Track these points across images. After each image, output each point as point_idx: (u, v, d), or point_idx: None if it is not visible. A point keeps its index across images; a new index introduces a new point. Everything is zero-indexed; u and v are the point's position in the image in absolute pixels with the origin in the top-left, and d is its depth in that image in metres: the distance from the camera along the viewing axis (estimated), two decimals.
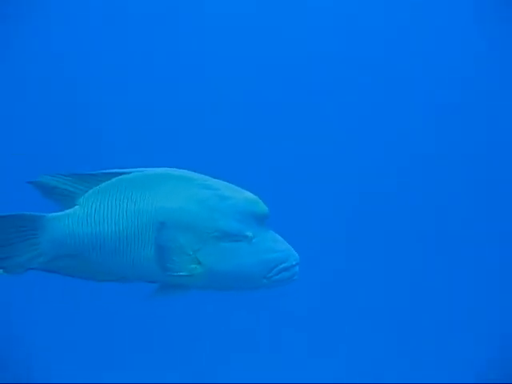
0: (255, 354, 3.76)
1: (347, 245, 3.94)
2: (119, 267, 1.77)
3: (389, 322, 3.94)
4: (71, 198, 1.80)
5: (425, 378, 3.69)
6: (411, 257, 4.00)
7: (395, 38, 4.10)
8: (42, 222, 1.78)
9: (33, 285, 3.31)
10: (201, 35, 3.99)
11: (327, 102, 4.06)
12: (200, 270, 1.70)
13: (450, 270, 4.02)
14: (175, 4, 3.99)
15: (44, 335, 3.55)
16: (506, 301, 3.91)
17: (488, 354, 3.74)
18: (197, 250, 1.71)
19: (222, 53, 3.99)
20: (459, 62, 4.09)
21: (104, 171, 1.81)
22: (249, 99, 3.98)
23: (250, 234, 1.71)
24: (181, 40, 3.98)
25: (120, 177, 1.78)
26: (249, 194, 1.75)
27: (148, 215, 1.74)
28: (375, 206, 4.02)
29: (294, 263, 1.74)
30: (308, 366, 3.81)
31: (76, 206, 1.80)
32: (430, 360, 3.88)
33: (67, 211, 1.80)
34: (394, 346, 3.86)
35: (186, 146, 3.74)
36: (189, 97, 3.94)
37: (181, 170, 1.78)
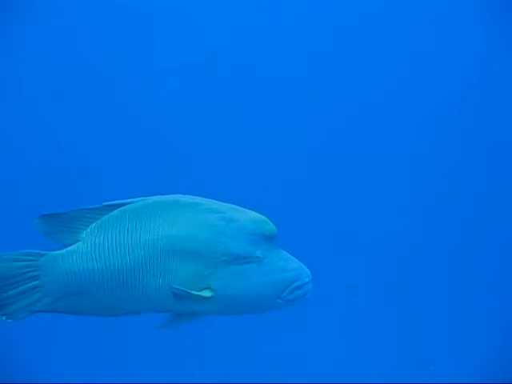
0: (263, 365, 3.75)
1: (356, 257, 3.93)
2: (129, 301, 1.71)
3: (395, 329, 3.93)
4: (73, 234, 1.73)
5: (425, 378, 3.67)
6: (419, 265, 4.00)
7: (395, 38, 4.11)
8: (44, 261, 1.72)
9: None
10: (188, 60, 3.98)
11: (333, 112, 4.06)
12: (212, 295, 1.66)
13: (453, 270, 4.02)
14: (174, 6, 3.98)
15: (44, 337, 3.51)
16: (506, 301, 3.90)
17: (488, 354, 3.72)
18: (208, 276, 1.66)
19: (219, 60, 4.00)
20: (461, 62, 4.10)
21: (105, 203, 1.74)
22: (249, 109, 3.97)
23: (259, 254, 1.67)
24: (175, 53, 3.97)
25: (122, 208, 1.72)
26: (255, 215, 1.71)
27: (155, 245, 1.68)
28: (383, 216, 4.01)
29: (306, 280, 1.70)
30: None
31: (78, 242, 1.73)
32: (430, 360, 3.87)
33: (69, 248, 1.73)
34: (397, 349, 3.85)
35: (185, 168, 3.72)
36: (181, 115, 3.93)
37: (184, 196, 1.73)
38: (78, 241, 1.73)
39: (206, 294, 1.66)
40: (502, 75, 4.07)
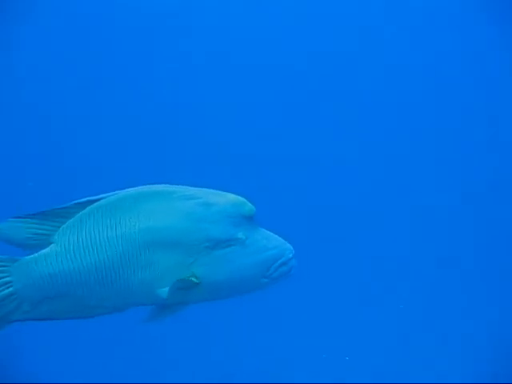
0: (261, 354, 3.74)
1: (337, 229, 3.93)
2: (110, 298, 1.65)
3: (385, 318, 3.95)
4: (43, 237, 1.66)
5: (425, 378, 3.69)
6: (407, 251, 4.02)
7: (396, 38, 4.12)
8: (17, 267, 1.64)
9: None
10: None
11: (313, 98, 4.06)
12: (197, 282, 1.62)
13: (451, 269, 4.05)
14: (173, 10, 3.95)
15: (45, 336, 3.47)
16: (506, 302, 3.93)
17: (488, 354, 3.74)
18: (191, 264, 1.63)
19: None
20: (460, 61, 4.12)
21: (75, 202, 1.67)
22: (225, 96, 3.96)
23: (242, 236, 1.65)
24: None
25: (94, 204, 1.66)
26: (233, 196, 1.68)
27: (133, 239, 1.63)
28: (362, 195, 4.03)
29: (290, 256, 1.69)
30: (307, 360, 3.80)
31: (51, 245, 1.66)
32: (430, 359, 3.89)
33: (43, 251, 1.66)
34: (392, 344, 3.87)
35: (156, 156, 3.70)
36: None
37: (157, 186, 1.68)
38: (50, 243, 1.66)
39: (193, 280, 1.63)
40: (503, 75, 4.10)
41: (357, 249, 4.01)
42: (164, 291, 1.63)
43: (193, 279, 1.62)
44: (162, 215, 1.63)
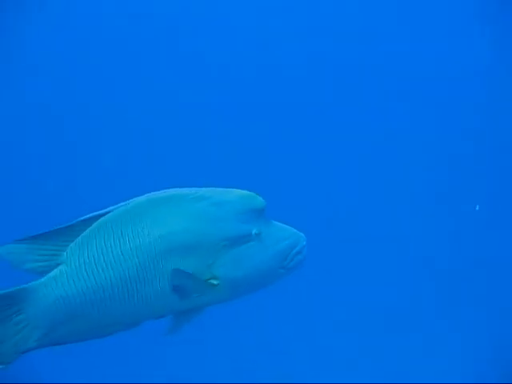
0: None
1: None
2: (127, 314, 1.60)
3: (386, 318, 3.98)
4: (50, 259, 1.57)
5: (425, 378, 3.73)
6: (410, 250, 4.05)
7: (397, 37, 4.12)
8: (26, 293, 1.55)
9: None
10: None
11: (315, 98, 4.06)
12: (218, 283, 1.60)
13: (450, 267, 4.07)
14: (173, 14, 3.92)
15: None
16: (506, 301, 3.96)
17: (488, 354, 3.78)
18: (210, 265, 1.60)
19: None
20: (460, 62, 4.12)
21: (81, 219, 1.59)
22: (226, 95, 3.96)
23: (257, 230, 1.63)
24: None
25: (102, 218, 1.59)
26: (242, 192, 1.66)
27: (148, 249, 1.57)
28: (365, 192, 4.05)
29: (304, 244, 1.70)
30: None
31: (60, 266, 1.58)
32: (430, 359, 3.93)
33: (51, 274, 1.57)
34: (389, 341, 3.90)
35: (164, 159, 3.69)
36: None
37: (166, 191, 1.63)
38: (57, 264, 1.58)
39: (213, 282, 1.61)
40: (503, 75, 4.11)
41: (361, 243, 4.04)
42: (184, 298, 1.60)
43: (213, 281, 1.60)
44: (176, 220, 1.59)
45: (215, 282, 1.61)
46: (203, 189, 1.65)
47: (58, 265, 1.58)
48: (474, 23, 4.20)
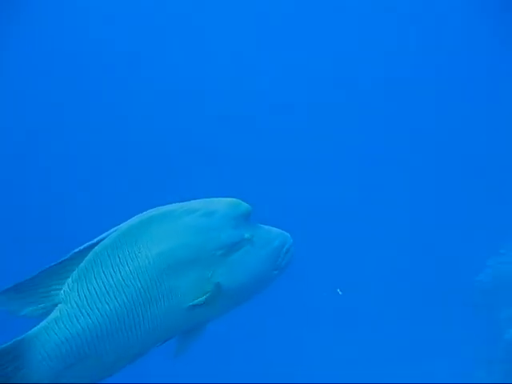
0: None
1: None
2: (134, 345, 1.53)
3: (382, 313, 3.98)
4: (47, 300, 1.48)
5: (425, 378, 3.72)
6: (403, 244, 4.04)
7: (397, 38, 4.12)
8: (25, 347, 1.44)
9: None
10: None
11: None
12: (220, 291, 1.59)
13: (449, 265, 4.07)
14: (172, 19, 3.94)
15: None
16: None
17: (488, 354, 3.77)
18: (211, 277, 1.59)
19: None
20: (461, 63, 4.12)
21: (74, 251, 1.51)
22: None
23: (248, 235, 1.64)
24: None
25: (96, 248, 1.52)
26: (228, 200, 1.66)
27: (148, 270, 1.53)
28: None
29: (291, 241, 1.72)
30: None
31: (59, 305, 1.48)
32: (429, 358, 3.92)
33: (51, 316, 1.47)
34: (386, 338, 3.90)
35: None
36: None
37: (154, 209, 1.59)
38: (55, 304, 1.49)
39: (214, 293, 1.59)
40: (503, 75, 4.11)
41: (351, 245, 4.04)
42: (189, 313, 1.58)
43: (214, 292, 1.59)
44: (171, 236, 1.57)
45: (216, 289, 1.60)
46: (187, 202, 1.63)
47: (57, 305, 1.49)
48: (474, 23, 4.19)
